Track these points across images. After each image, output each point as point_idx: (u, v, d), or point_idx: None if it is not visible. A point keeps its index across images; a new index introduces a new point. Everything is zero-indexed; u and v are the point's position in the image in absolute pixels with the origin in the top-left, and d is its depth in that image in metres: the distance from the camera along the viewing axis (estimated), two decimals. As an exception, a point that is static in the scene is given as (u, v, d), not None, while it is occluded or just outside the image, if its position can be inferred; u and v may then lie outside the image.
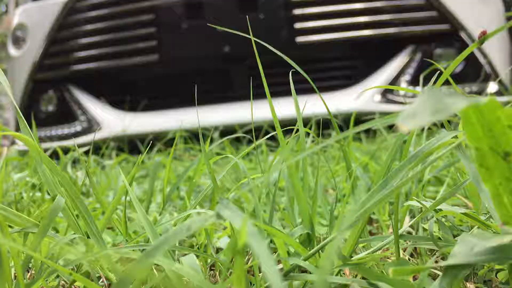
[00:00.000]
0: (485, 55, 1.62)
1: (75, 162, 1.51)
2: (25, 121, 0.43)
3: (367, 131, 1.45)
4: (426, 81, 1.18)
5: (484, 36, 0.45)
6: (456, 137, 0.40)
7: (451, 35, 1.64)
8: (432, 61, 0.56)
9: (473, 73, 1.62)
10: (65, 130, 1.81)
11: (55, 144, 1.17)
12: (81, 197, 0.40)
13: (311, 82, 0.51)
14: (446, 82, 0.78)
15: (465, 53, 0.43)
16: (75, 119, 1.82)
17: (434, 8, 1.63)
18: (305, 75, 0.50)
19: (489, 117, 0.31)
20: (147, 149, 0.59)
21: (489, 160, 0.33)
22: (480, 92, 1.57)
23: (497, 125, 0.32)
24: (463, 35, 1.61)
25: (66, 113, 1.83)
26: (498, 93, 1.58)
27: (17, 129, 1.83)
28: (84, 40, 1.78)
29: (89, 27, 1.77)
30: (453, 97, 0.29)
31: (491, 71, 1.62)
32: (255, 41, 0.46)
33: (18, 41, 1.88)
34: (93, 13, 1.77)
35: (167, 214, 0.63)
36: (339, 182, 0.75)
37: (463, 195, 0.56)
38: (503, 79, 1.63)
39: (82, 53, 1.78)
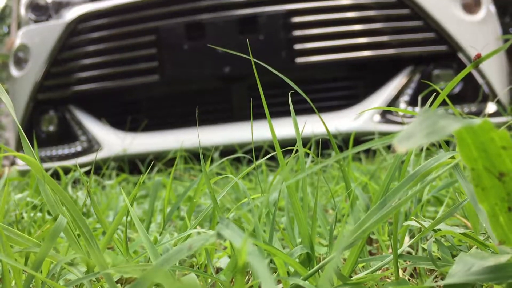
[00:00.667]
0: (483, 76, 1.63)
1: (75, 182, 1.51)
2: (28, 141, 0.44)
3: (366, 151, 1.46)
4: (425, 101, 1.19)
5: (478, 59, 0.46)
6: (453, 157, 0.41)
7: (449, 56, 1.66)
8: (429, 83, 0.57)
9: (472, 93, 1.63)
10: (65, 150, 1.82)
11: (56, 164, 1.17)
12: (82, 217, 0.40)
13: (311, 103, 0.52)
14: (445, 103, 0.79)
15: (461, 75, 0.44)
16: (75, 139, 1.83)
17: (432, 30, 1.65)
18: (304, 96, 0.51)
19: (483, 138, 0.32)
20: (148, 169, 0.59)
21: (484, 181, 0.34)
22: (479, 113, 1.58)
23: (491, 146, 0.32)
24: (460, 56, 1.63)
25: (67, 133, 1.84)
26: (497, 113, 1.59)
27: (18, 149, 1.83)
28: (86, 61, 1.80)
29: (90, 48, 1.79)
30: (447, 119, 0.29)
31: (489, 92, 1.64)
32: (255, 62, 0.47)
33: (20, 62, 1.89)
34: (95, 35, 1.79)
35: (168, 234, 0.64)
36: (339, 202, 0.76)
37: (462, 215, 0.57)
38: (502, 100, 1.65)
39: (83, 74, 1.80)
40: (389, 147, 1.23)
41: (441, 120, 0.29)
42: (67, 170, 1.38)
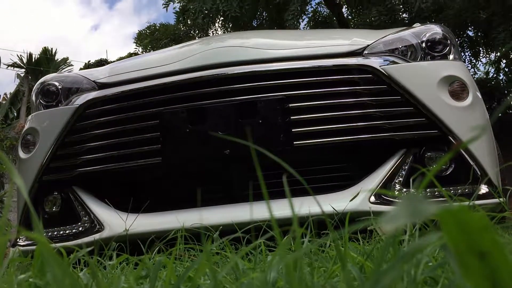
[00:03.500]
0: (474, 158, 1.69)
1: (75, 263, 1.50)
2: (30, 222, 0.46)
3: (364, 231, 1.47)
4: (418, 182, 1.23)
5: (458, 145, 0.50)
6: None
7: (441, 139, 1.72)
8: (419, 166, 0.61)
9: (464, 175, 1.67)
10: (67, 231, 1.83)
11: (58, 245, 1.18)
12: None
13: (306, 185, 0.56)
14: (440, 184, 0.82)
15: (444, 159, 0.48)
16: (78, 220, 1.85)
17: (424, 115, 1.73)
18: (300, 178, 0.55)
19: (463, 221, 0.35)
20: (147, 248, 0.61)
21: (467, 260, 0.36)
22: (471, 194, 1.62)
23: (471, 227, 0.36)
24: (451, 139, 1.69)
25: (70, 214, 1.86)
26: (489, 194, 1.62)
27: (19, 230, 1.84)
28: (91, 144, 1.86)
29: (96, 131, 1.86)
30: (427, 203, 0.33)
31: (481, 173, 1.68)
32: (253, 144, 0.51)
33: (27, 145, 1.96)
34: (102, 119, 1.87)
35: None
36: (336, 282, 0.77)
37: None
38: (493, 181, 1.69)
39: (88, 156, 1.85)
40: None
41: (422, 203, 0.33)
42: (68, 251, 1.38)
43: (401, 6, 9.27)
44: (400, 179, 1.71)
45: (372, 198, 1.65)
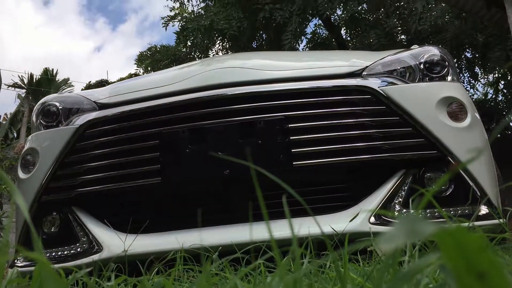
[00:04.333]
0: (473, 179, 1.69)
1: (74, 284, 1.49)
2: (28, 243, 0.46)
3: (364, 252, 1.47)
4: (417, 203, 1.23)
5: (456, 166, 0.51)
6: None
7: (440, 160, 1.73)
8: (418, 187, 0.62)
9: (463, 196, 1.67)
10: (66, 251, 1.82)
11: (57, 266, 1.18)
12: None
13: (306, 206, 0.56)
14: (439, 204, 0.82)
15: (441, 180, 0.48)
16: (77, 241, 1.84)
17: (423, 136, 1.74)
18: (300, 199, 0.55)
19: (460, 241, 0.36)
20: (148, 270, 0.61)
21: (466, 280, 0.37)
22: (471, 215, 1.62)
23: (468, 248, 0.36)
24: (450, 160, 1.70)
25: (68, 234, 1.85)
26: (489, 215, 1.62)
27: (17, 250, 1.83)
28: (91, 164, 1.86)
29: (96, 152, 1.86)
30: (424, 223, 0.33)
31: (480, 194, 1.68)
32: (253, 164, 0.52)
33: (27, 165, 1.96)
34: (102, 139, 1.87)
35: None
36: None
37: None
38: (493, 202, 1.68)
39: (88, 177, 1.85)
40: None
41: (419, 223, 0.33)
42: (67, 271, 1.38)
43: (399, 28, 9.38)
44: (400, 199, 1.71)
45: (372, 219, 1.65)
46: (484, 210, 1.67)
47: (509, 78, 9.93)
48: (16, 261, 1.88)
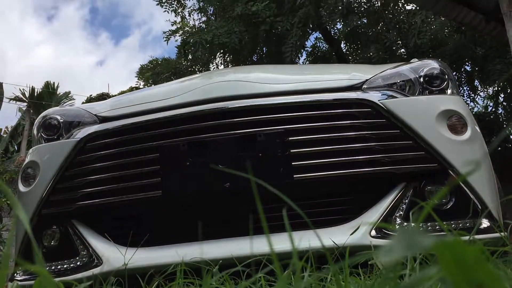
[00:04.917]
0: (474, 192, 1.69)
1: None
2: (28, 256, 0.47)
3: (365, 265, 1.46)
4: (417, 216, 1.23)
5: (456, 179, 0.51)
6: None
7: (441, 173, 1.73)
8: (419, 200, 0.62)
9: (464, 209, 1.67)
10: (65, 265, 1.81)
11: (57, 280, 1.17)
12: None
13: (306, 219, 0.56)
14: (439, 217, 0.82)
15: (444, 191, 0.48)
16: (76, 255, 1.83)
17: (423, 149, 1.74)
18: (301, 212, 0.55)
19: (459, 253, 0.36)
20: (148, 284, 0.61)
21: (465, 292, 0.37)
22: (472, 228, 1.61)
23: (467, 260, 0.36)
24: (451, 173, 1.70)
25: (68, 248, 1.84)
26: (490, 229, 1.62)
27: (18, 263, 1.82)
28: (91, 177, 1.86)
29: (97, 165, 1.87)
30: (423, 236, 0.34)
31: (481, 207, 1.68)
32: (254, 177, 0.52)
33: (27, 178, 1.96)
34: (102, 153, 1.88)
35: None
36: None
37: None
38: (494, 215, 1.68)
39: (88, 190, 1.85)
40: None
41: (418, 236, 0.34)
42: (67, 285, 1.37)
43: (399, 42, 9.44)
44: (401, 212, 1.70)
45: (373, 232, 1.64)
46: (485, 223, 1.66)
47: (509, 91, 9.96)
48: (15, 274, 1.87)
